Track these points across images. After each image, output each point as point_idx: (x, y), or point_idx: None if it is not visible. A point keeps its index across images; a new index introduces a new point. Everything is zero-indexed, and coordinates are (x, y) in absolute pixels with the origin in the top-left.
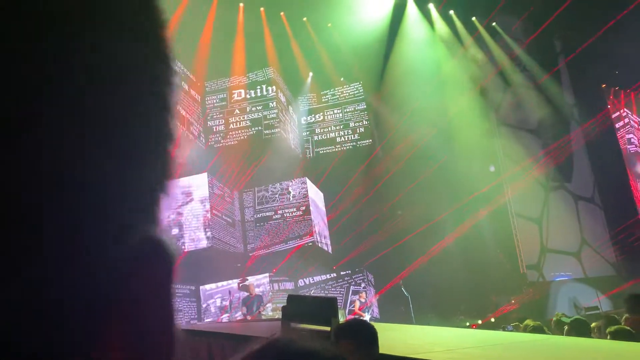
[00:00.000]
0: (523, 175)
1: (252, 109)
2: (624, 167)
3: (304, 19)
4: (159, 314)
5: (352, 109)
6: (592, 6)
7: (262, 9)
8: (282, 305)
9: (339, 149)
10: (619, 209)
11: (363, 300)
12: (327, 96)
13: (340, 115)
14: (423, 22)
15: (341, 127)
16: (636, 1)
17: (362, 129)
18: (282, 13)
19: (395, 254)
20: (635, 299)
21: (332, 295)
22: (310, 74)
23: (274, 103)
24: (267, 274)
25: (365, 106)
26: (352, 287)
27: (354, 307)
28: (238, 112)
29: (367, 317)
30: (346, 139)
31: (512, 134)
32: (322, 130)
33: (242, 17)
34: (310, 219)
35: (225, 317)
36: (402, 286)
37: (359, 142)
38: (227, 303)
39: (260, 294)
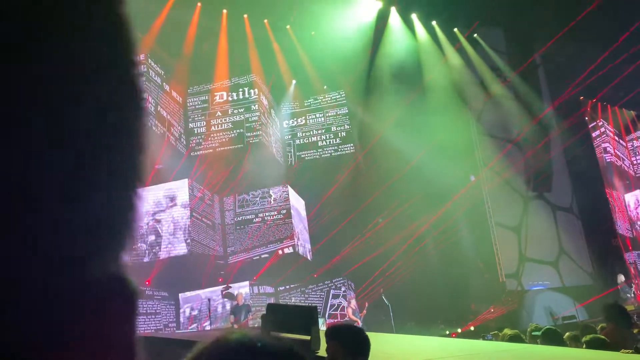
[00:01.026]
0: (503, 185)
1: (234, 111)
2: (601, 177)
3: (287, 27)
4: (122, 348)
5: (334, 114)
6: (570, 19)
7: (245, 15)
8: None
9: (321, 154)
10: (595, 218)
11: (354, 308)
12: (309, 101)
13: (322, 119)
14: (406, 32)
15: (323, 131)
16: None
17: (343, 133)
18: (265, 20)
19: (376, 263)
20: (612, 308)
21: (312, 299)
22: (294, 81)
23: (256, 106)
24: (247, 282)
25: (347, 110)
26: (332, 291)
27: (344, 311)
28: (220, 114)
29: (360, 323)
30: (328, 143)
31: (493, 144)
32: (304, 134)
33: (225, 23)
34: (292, 223)
35: (194, 327)
36: (383, 295)
37: (340, 147)
38: (201, 311)
39: (249, 303)
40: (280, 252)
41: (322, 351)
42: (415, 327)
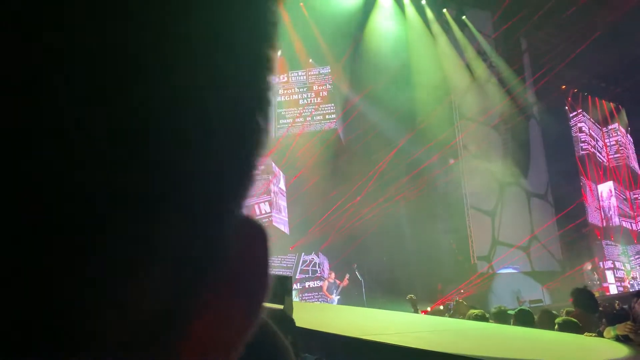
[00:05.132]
0: (481, 169)
1: None
2: (577, 166)
3: None
4: (256, 294)
5: (317, 73)
6: (558, 8)
7: None
8: None
9: (301, 120)
10: (569, 206)
11: (331, 281)
12: (293, 73)
13: (304, 77)
14: (395, 10)
15: (305, 89)
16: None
17: (324, 93)
18: None
19: (351, 241)
20: (581, 293)
21: (286, 264)
22: (279, 52)
23: None
24: None
25: (329, 70)
26: (302, 257)
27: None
28: None
29: (335, 298)
30: (309, 102)
31: (473, 128)
32: (285, 91)
33: None
34: (268, 179)
35: None
36: (356, 270)
37: (321, 106)
38: None
39: None
40: (257, 208)
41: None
42: (387, 303)
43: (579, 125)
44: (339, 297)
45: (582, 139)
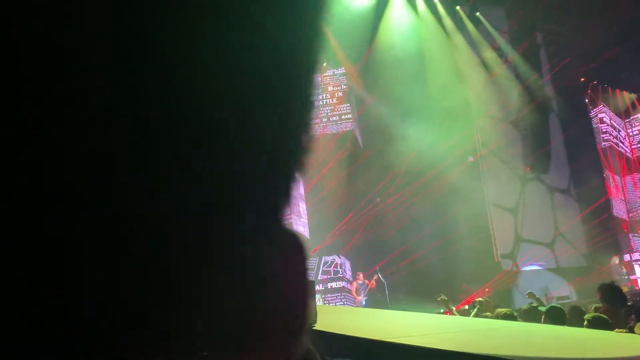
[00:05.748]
0: (501, 166)
1: None
2: (599, 159)
3: None
4: (296, 302)
5: (331, 74)
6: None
7: None
8: None
9: (318, 122)
10: (593, 201)
11: (360, 282)
12: None
13: (319, 79)
14: (408, 9)
15: (320, 91)
16: None
17: (340, 94)
18: None
19: (373, 242)
20: (608, 288)
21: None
22: None
23: None
24: None
25: (343, 71)
26: (323, 258)
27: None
28: None
29: (362, 299)
30: (325, 103)
31: (492, 125)
32: None
33: None
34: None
35: None
36: (379, 272)
37: (337, 107)
38: None
39: None
40: None
41: (318, 325)
42: (410, 305)
43: (600, 115)
44: (366, 298)
45: (604, 130)
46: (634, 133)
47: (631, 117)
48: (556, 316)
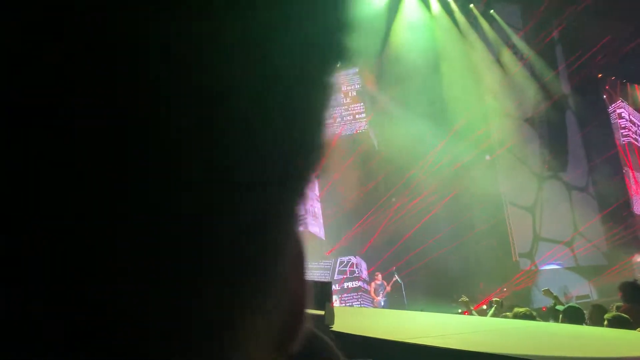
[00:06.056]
0: (518, 164)
1: None
2: (619, 156)
3: None
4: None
5: (344, 74)
6: None
7: None
8: None
9: (332, 122)
10: (612, 199)
11: (379, 282)
12: None
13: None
14: (421, 8)
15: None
16: None
17: (353, 93)
18: None
19: (389, 243)
20: (631, 287)
21: (323, 265)
22: None
23: None
24: None
25: (356, 70)
26: (339, 259)
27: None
28: None
29: (381, 300)
30: (339, 103)
31: (508, 123)
32: None
33: None
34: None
35: None
36: (396, 273)
37: (350, 106)
38: None
39: None
40: None
41: (336, 326)
42: (428, 305)
43: (618, 111)
44: (384, 298)
45: (623, 125)
46: None
47: None
48: (574, 316)
